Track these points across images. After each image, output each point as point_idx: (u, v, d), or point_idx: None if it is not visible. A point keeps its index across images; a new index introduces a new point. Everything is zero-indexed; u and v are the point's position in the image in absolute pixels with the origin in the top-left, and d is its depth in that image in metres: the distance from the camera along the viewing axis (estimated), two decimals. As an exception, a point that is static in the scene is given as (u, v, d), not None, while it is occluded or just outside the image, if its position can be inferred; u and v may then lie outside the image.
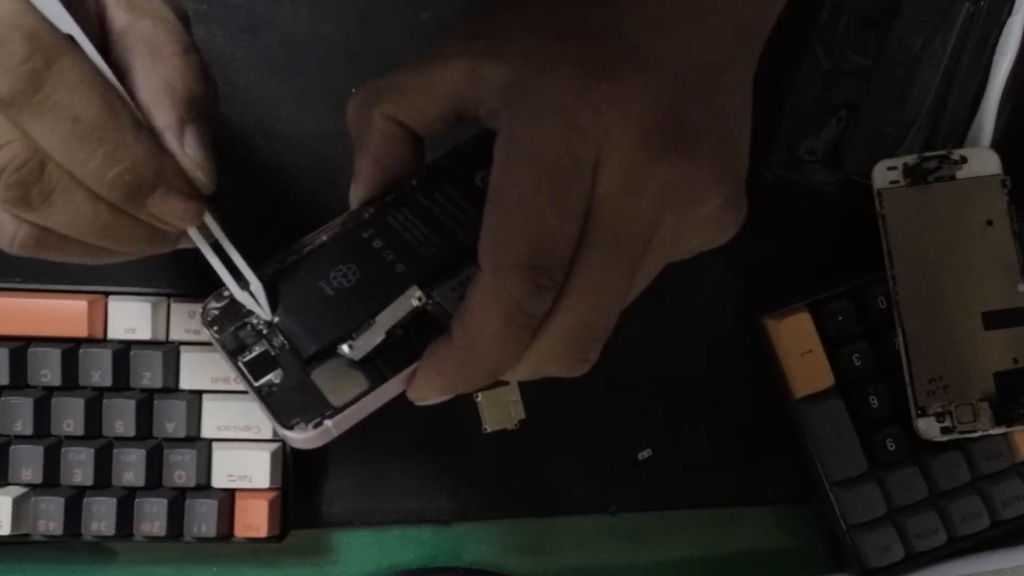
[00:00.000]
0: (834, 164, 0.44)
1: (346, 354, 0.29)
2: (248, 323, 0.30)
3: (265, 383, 0.30)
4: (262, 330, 0.30)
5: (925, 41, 0.43)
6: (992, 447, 0.43)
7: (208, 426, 0.42)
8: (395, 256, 0.30)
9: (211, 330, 0.31)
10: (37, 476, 0.40)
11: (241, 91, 0.44)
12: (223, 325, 0.31)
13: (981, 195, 0.42)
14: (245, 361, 0.30)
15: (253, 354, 0.30)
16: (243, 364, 0.30)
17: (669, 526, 0.46)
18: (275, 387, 0.30)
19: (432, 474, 0.45)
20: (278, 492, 0.42)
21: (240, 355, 0.30)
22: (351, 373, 0.29)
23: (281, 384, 0.30)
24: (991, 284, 0.42)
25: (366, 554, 0.45)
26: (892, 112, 0.43)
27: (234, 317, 0.31)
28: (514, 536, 0.46)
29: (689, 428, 0.46)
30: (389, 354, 0.29)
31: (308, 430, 0.29)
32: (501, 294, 0.26)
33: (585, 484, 0.45)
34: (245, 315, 0.30)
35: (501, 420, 0.45)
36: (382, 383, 0.29)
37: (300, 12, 0.45)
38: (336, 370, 0.29)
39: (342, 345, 0.29)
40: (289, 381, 0.29)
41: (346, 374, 0.29)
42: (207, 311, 0.31)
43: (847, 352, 0.43)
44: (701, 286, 0.46)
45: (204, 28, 0.44)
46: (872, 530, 0.43)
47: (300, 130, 0.45)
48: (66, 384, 0.41)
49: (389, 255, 0.31)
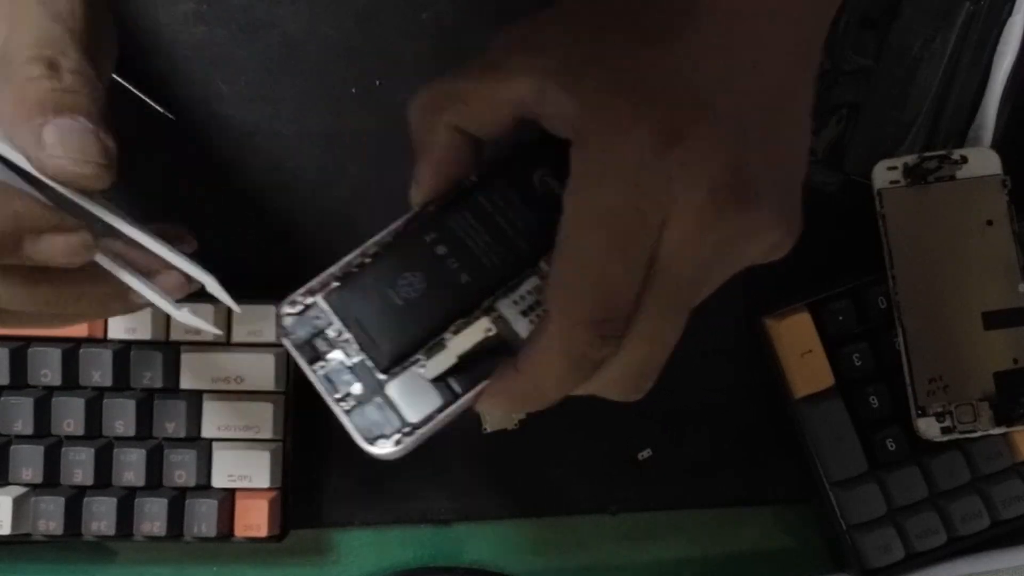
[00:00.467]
0: (834, 164, 0.44)
1: (420, 374, 0.30)
2: (323, 333, 0.31)
3: (343, 396, 0.31)
4: (337, 340, 0.31)
5: (925, 41, 0.43)
6: (992, 447, 0.43)
7: (208, 426, 0.42)
8: (459, 264, 0.31)
9: (287, 339, 0.31)
10: (37, 476, 0.40)
11: (241, 91, 0.44)
12: (298, 334, 0.31)
13: (981, 195, 0.42)
14: (323, 373, 0.31)
15: (330, 364, 0.31)
16: (322, 376, 0.31)
17: (669, 526, 0.46)
18: (353, 400, 0.31)
19: (432, 474, 0.45)
20: (278, 492, 0.42)
21: (316, 365, 0.31)
22: (425, 389, 0.30)
23: (359, 397, 0.31)
24: (991, 284, 0.42)
25: (366, 554, 0.45)
26: (892, 112, 0.43)
27: (308, 325, 0.31)
28: (514, 536, 0.46)
29: (689, 428, 0.46)
30: (459, 373, 0.30)
31: (388, 447, 0.30)
32: (567, 342, 0.27)
33: (585, 484, 0.45)
34: (320, 324, 0.31)
35: (501, 420, 0.45)
36: (454, 401, 0.30)
37: (300, 12, 0.45)
38: (410, 385, 0.31)
39: (414, 366, 0.30)
40: (366, 395, 0.31)
41: (420, 390, 0.31)
42: (281, 319, 0.31)
43: (847, 352, 0.43)
44: (701, 286, 0.46)
45: (204, 28, 0.44)
46: (872, 530, 0.43)
47: (300, 130, 0.45)
48: (66, 384, 0.41)
49: (453, 263, 0.31)
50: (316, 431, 0.44)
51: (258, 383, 0.41)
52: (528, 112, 0.28)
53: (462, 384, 0.30)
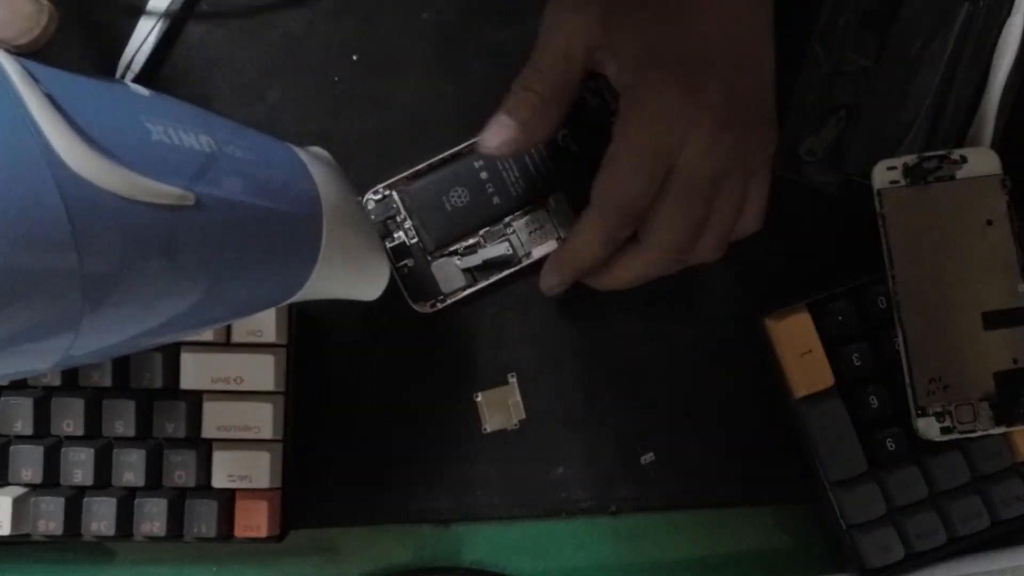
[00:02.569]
0: (834, 164, 0.44)
1: (455, 263, 0.44)
2: (394, 217, 0.44)
3: (402, 265, 0.44)
4: (402, 224, 0.44)
5: (925, 41, 0.43)
6: (992, 447, 0.43)
7: (208, 426, 0.42)
8: (494, 189, 0.44)
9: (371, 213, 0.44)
10: (37, 476, 0.40)
11: (241, 91, 0.44)
12: (377, 215, 0.44)
13: (981, 195, 0.42)
14: (391, 246, 0.44)
15: (395, 242, 0.44)
16: (388, 249, 0.43)
17: (669, 526, 0.46)
18: (408, 270, 0.44)
19: (432, 474, 0.45)
20: (278, 492, 0.42)
21: (386, 239, 0.44)
22: (457, 273, 0.44)
23: (412, 268, 0.44)
24: (991, 284, 0.42)
25: (366, 554, 0.45)
26: (892, 112, 0.43)
27: (384, 211, 0.44)
28: (514, 536, 0.46)
29: (689, 428, 0.46)
30: (480, 270, 0.44)
31: (426, 308, 0.44)
32: (599, 223, 0.39)
33: (585, 484, 0.45)
34: (392, 210, 0.44)
35: (501, 420, 0.45)
36: (474, 285, 0.44)
37: (300, 12, 0.45)
38: (447, 268, 0.44)
39: (453, 257, 0.44)
40: (417, 268, 0.44)
41: (453, 272, 0.44)
42: (367, 201, 0.44)
43: (847, 352, 0.43)
44: (701, 286, 0.46)
45: (204, 28, 0.44)
46: (872, 530, 0.43)
47: (300, 130, 0.45)
48: (66, 384, 0.41)
49: (490, 187, 0.44)
50: (316, 431, 0.44)
51: (258, 383, 0.41)
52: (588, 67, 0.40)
53: (480, 277, 0.44)
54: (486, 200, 0.44)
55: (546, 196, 0.44)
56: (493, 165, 0.43)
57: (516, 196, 0.44)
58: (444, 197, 0.43)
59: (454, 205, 0.43)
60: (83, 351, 0.22)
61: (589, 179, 0.39)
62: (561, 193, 0.44)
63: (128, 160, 0.22)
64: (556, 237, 0.44)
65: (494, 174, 0.43)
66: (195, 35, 0.44)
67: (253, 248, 0.28)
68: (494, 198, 0.44)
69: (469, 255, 0.44)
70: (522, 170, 0.44)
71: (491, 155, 0.40)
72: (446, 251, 0.44)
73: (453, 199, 0.43)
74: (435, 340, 0.45)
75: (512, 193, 0.44)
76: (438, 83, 0.45)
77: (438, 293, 0.44)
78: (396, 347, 0.45)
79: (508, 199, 0.44)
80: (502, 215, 0.44)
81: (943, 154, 0.42)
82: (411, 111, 0.45)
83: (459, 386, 0.45)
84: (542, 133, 0.40)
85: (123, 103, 0.25)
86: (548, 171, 0.44)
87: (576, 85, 0.40)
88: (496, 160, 0.43)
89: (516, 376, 0.45)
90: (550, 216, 0.44)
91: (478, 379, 0.45)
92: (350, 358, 0.45)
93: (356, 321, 0.44)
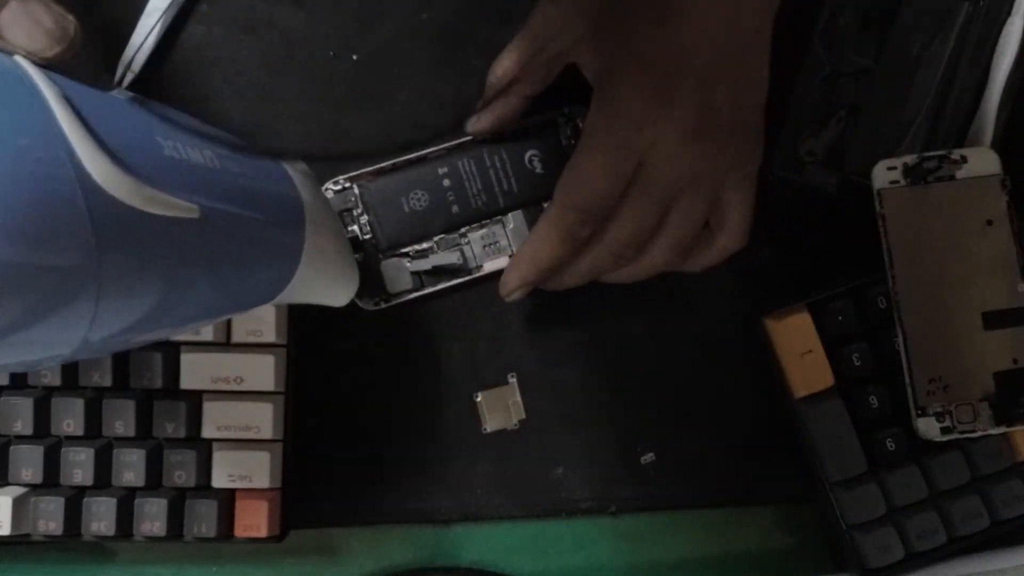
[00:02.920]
0: (834, 164, 0.44)
1: (405, 265, 0.43)
2: (350, 210, 0.43)
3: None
4: (357, 218, 0.43)
5: (925, 41, 0.43)
6: (992, 447, 0.43)
7: (208, 426, 0.42)
8: (455, 197, 0.44)
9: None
10: (37, 476, 0.40)
11: (241, 91, 0.44)
12: (334, 205, 0.43)
13: (981, 195, 0.42)
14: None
15: (348, 235, 0.43)
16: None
17: (669, 526, 0.46)
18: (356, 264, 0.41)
19: (432, 474, 0.45)
20: (278, 492, 0.42)
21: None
22: (405, 275, 0.44)
23: (361, 264, 0.42)
24: (991, 284, 0.42)
25: (366, 554, 0.45)
26: (892, 112, 0.43)
27: (341, 202, 0.44)
28: (514, 536, 0.46)
29: (689, 428, 0.46)
30: (429, 275, 0.44)
31: (370, 305, 0.44)
32: (560, 221, 0.39)
33: (585, 484, 0.45)
34: (349, 203, 0.43)
35: (501, 420, 0.45)
36: (421, 289, 0.44)
37: (300, 12, 0.45)
38: (396, 268, 0.44)
39: (403, 259, 0.44)
40: (366, 264, 0.43)
41: (401, 275, 0.44)
42: (326, 190, 0.43)
43: (847, 352, 0.43)
44: (701, 286, 0.46)
45: (204, 28, 0.44)
46: (872, 530, 0.43)
47: (300, 130, 0.45)
48: (66, 384, 0.41)
49: (451, 195, 0.44)
50: (316, 431, 0.44)
51: (258, 383, 0.41)
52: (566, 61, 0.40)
53: (428, 282, 0.44)
54: (445, 207, 0.43)
55: (505, 213, 0.44)
56: (457, 174, 0.43)
57: (475, 208, 0.44)
58: (404, 198, 0.43)
59: (412, 207, 0.43)
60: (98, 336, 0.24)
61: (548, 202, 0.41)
62: (520, 212, 0.44)
63: (143, 174, 0.24)
64: (510, 254, 0.44)
65: (457, 183, 0.43)
66: (195, 35, 0.44)
67: (243, 254, 0.30)
68: (453, 206, 0.43)
69: (420, 259, 0.43)
70: (485, 184, 0.44)
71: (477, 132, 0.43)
72: (398, 251, 0.44)
73: (412, 201, 0.43)
74: (435, 340, 0.45)
75: (472, 205, 0.44)
76: (438, 83, 0.45)
77: (383, 292, 0.43)
78: (396, 347, 0.45)
79: (467, 210, 0.44)
80: (459, 224, 0.44)
81: (943, 154, 0.42)
82: (411, 111, 0.45)
83: (459, 386, 0.45)
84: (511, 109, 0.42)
85: (138, 118, 0.27)
86: (511, 189, 0.44)
87: (550, 68, 0.40)
88: (461, 169, 0.44)
89: (516, 376, 0.45)
90: (506, 232, 0.44)
91: (478, 379, 0.45)
92: (350, 358, 0.45)
93: (356, 321, 0.44)
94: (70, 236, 0.22)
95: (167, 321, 0.28)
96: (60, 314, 0.23)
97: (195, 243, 0.27)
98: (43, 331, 0.23)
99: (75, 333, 0.24)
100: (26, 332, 0.22)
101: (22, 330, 0.22)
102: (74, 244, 0.22)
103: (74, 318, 0.23)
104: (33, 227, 0.21)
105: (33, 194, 0.21)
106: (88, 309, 0.23)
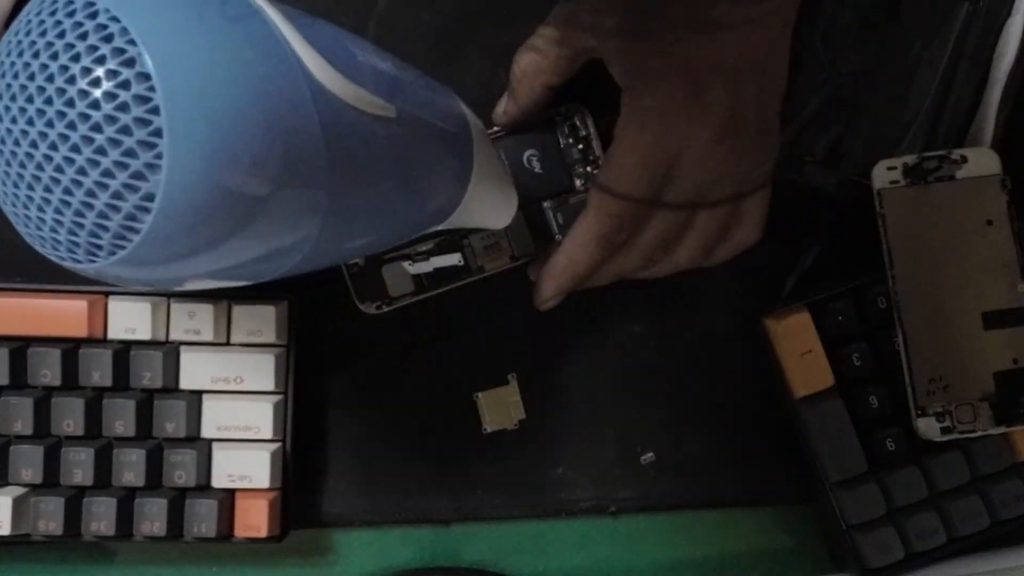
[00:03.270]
0: (834, 164, 0.44)
1: (406, 267, 0.43)
2: None
3: (353, 263, 0.43)
4: None
5: (924, 42, 0.43)
6: (992, 447, 0.43)
7: (208, 426, 0.42)
8: None
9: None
10: (37, 476, 0.40)
11: (241, 91, 0.44)
12: None
13: (981, 195, 0.42)
14: None
15: None
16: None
17: (669, 527, 0.46)
18: (357, 268, 0.43)
19: (432, 474, 0.45)
20: (278, 492, 0.42)
21: None
22: (406, 279, 0.43)
23: (361, 269, 0.43)
24: (991, 284, 0.42)
25: (366, 554, 0.45)
26: (892, 112, 0.43)
27: None
28: (514, 536, 0.46)
29: (689, 428, 0.46)
30: (430, 277, 0.43)
31: (371, 309, 0.43)
32: (597, 225, 0.39)
33: (585, 484, 0.45)
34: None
35: (501, 420, 0.45)
36: (422, 292, 0.43)
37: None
38: (397, 272, 0.43)
39: (405, 261, 0.43)
40: (367, 268, 0.43)
41: (402, 278, 0.43)
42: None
43: (847, 352, 0.43)
44: (702, 286, 0.46)
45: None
46: (872, 530, 0.43)
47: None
48: (66, 384, 0.41)
49: None
50: (316, 431, 0.44)
51: (258, 383, 0.41)
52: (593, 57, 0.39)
53: (429, 285, 0.43)
54: None
55: (538, 202, 0.44)
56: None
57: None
58: None
59: None
60: (320, 245, 0.26)
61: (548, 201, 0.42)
62: (520, 212, 0.43)
63: (346, 75, 0.26)
64: (510, 255, 0.44)
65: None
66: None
67: (431, 161, 0.32)
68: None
69: (421, 261, 0.43)
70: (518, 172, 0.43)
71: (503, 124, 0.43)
72: (398, 254, 0.43)
73: None
74: (435, 340, 0.45)
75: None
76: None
77: (385, 295, 0.43)
78: (396, 347, 0.45)
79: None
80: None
81: (943, 154, 0.42)
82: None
83: (459, 386, 0.45)
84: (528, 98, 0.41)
85: (325, 27, 0.28)
86: (538, 178, 0.44)
87: (573, 61, 0.40)
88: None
89: (516, 376, 0.45)
90: (507, 234, 0.44)
91: (478, 379, 0.45)
92: (350, 357, 0.45)
93: (356, 321, 0.44)
94: (307, 143, 0.23)
95: (370, 231, 0.29)
96: (295, 229, 0.24)
97: (393, 145, 0.28)
98: (277, 243, 0.24)
99: (303, 245, 0.25)
100: (265, 249, 0.24)
101: (262, 249, 0.24)
102: (310, 149, 0.23)
103: (305, 229, 0.25)
104: (280, 157, 0.22)
105: (278, 124, 0.22)
106: (316, 221, 0.25)
